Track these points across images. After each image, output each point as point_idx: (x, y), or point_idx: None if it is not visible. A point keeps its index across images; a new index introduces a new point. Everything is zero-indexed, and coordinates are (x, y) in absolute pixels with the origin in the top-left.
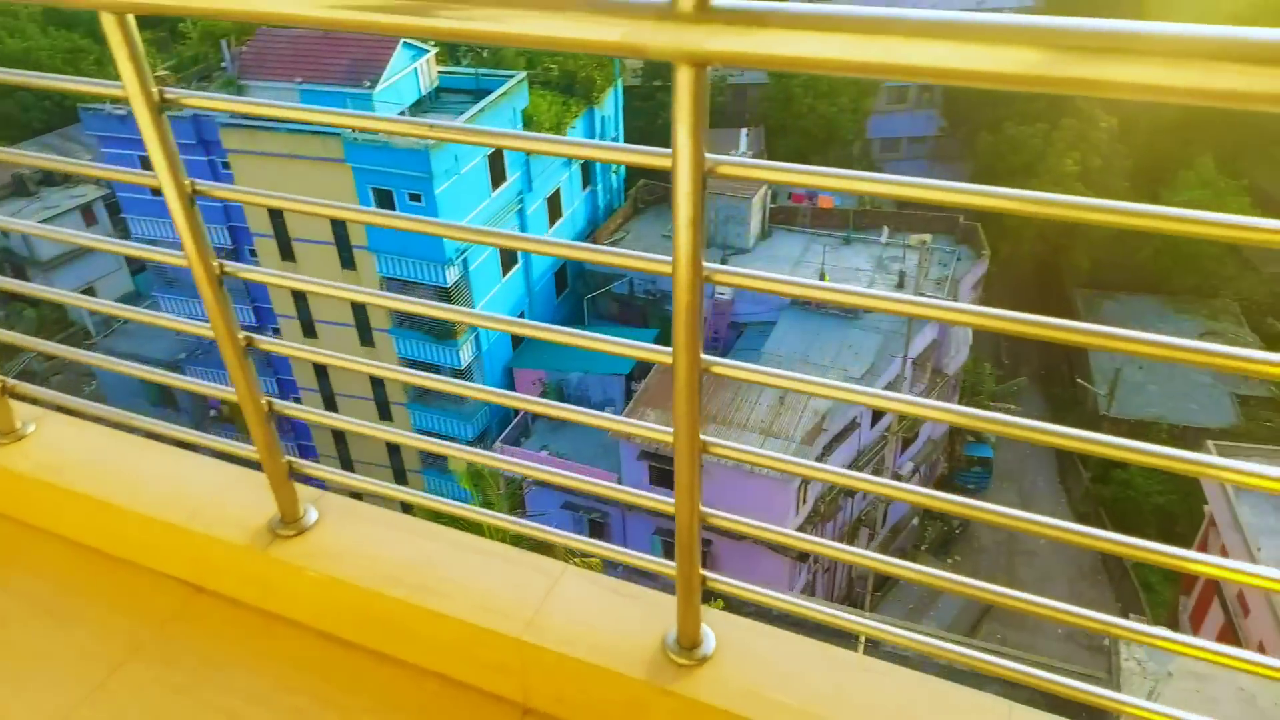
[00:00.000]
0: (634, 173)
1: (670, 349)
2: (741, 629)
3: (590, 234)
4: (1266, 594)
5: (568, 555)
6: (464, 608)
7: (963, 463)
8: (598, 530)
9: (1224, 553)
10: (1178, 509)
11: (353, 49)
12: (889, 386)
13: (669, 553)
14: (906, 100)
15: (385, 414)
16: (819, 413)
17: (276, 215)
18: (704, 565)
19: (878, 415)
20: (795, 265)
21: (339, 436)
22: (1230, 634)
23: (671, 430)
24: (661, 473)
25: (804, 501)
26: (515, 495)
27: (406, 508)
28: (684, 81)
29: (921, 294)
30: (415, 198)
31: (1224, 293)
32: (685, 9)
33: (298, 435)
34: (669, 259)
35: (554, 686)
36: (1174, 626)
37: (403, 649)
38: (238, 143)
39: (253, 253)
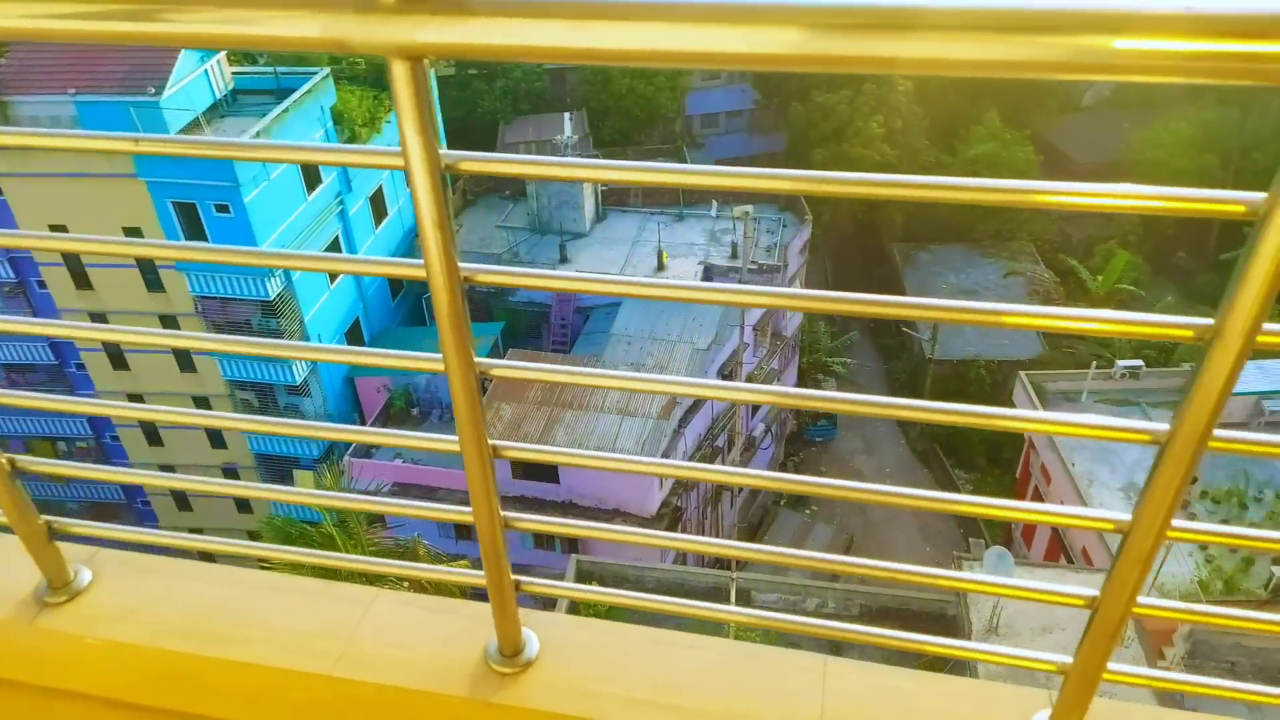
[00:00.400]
0: None
1: (440, 355)
2: (565, 627)
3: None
4: (1064, 465)
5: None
6: (267, 652)
7: (810, 418)
8: (465, 531)
9: (1044, 471)
10: (1002, 436)
11: (130, 53)
12: (733, 354)
13: (538, 542)
14: (720, 76)
15: (218, 441)
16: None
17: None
18: (574, 547)
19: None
20: (633, 244)
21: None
22: (1057, 544)
23: (457, 439)
24: (525, 466)
25: None
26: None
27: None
28: (400, 77)
29: (754, 263)
30: (223, 209)
31: (1020, 236)
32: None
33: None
34: (420, 262)
35: (372, 719)
36: (1009, 543)
37: (205, 705)
38: (6, 165)
39: (41, 285)
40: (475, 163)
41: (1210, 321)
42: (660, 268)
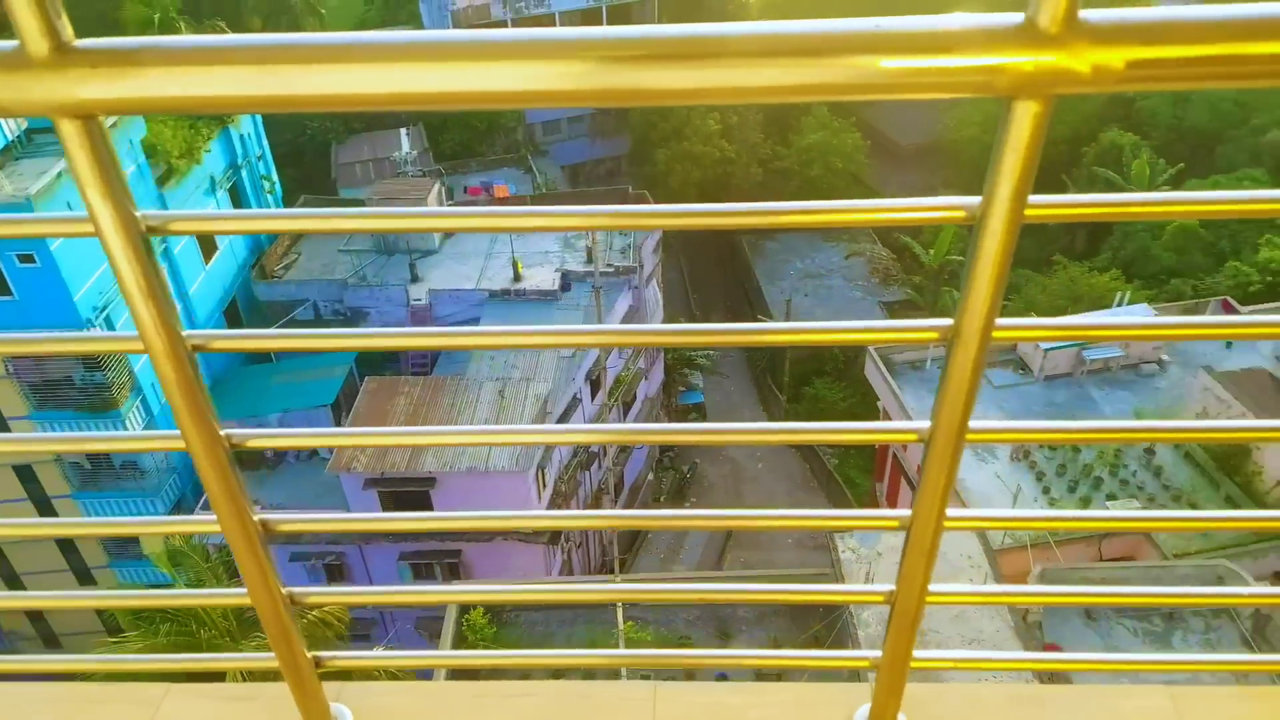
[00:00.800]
0: (294, 188)
1: (178, 431)
2: (379, 695)
3: (257, 261)
4: None
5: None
6: None
7: (680, 412)
8: (336, 573)
9: None
10: (859, 409)
11: None
12: (597, 359)
13: (417, 572)
14: None
15: (48, 510)
16: (540, 397)
17: None
18: (455, 575)
19: (596, 386)
20: (487, 257)
21: None
22: None
23: (214, 520)
24: (394, 497)
25: (544, 485)
26: (230, 564)
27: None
28: (70, 137)
29: (610, 265)
30: (27, 259)
31: None
32: (38, 54)
33: None
34: (135, 334)
35: None
36: (874, 507)
37: None
38: None
39: None
40: (185, 221)
41: (950, 322)
42: (517, 278)
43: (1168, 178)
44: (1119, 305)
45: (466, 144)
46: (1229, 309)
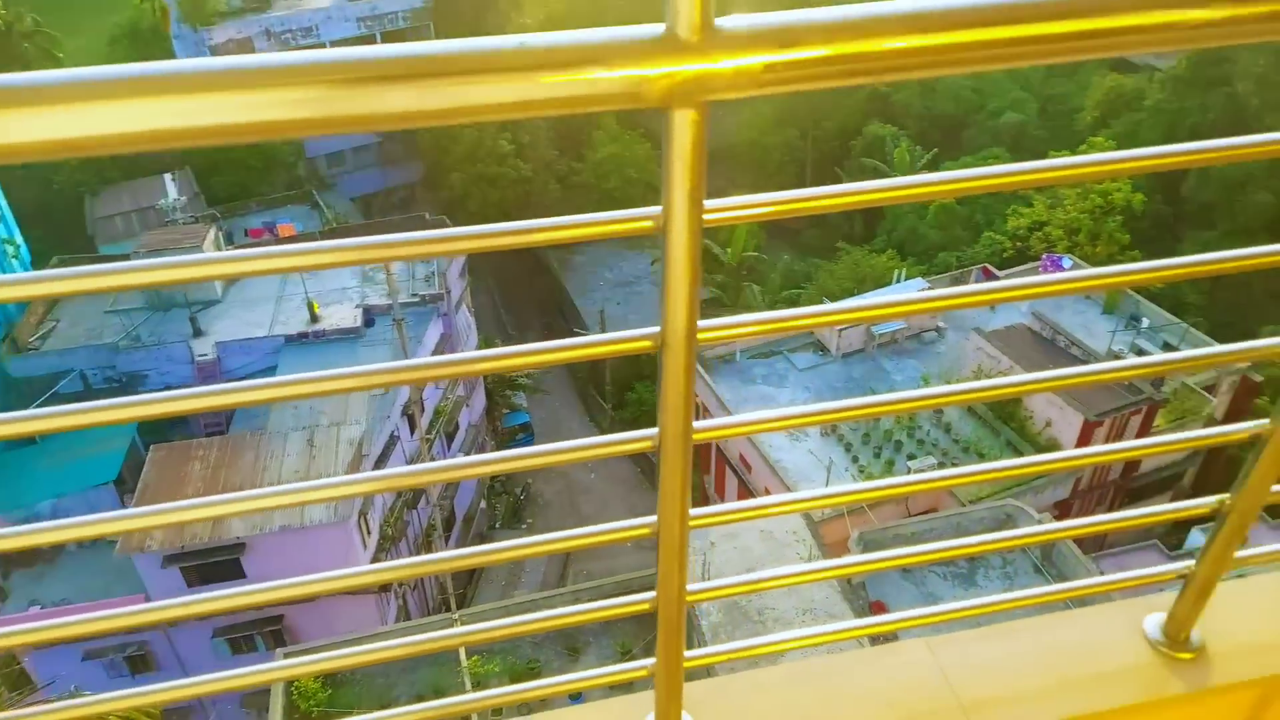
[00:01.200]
0: (45, 249)
1: None
2: None
3: (6, 335)
4: (760, 453)
5: None
6: None
7: (507, 434)
8: (141, 664)
9: (743, 460)
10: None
11: None
12: (411, 392)
13: (236, 648)
14: None
15: None
16: (353, 441)
17: None
18: (280, 642)
19: (413, 421)
20: (277, 301)
21: None
22: (745, 489)
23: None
24: (200, 572)
25: (368, 532)
26: (10, 668)
27: None
28: None
29: (416, 295)
30: None
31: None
32: None
33: None
34: None
35: None
36: (704, 503)
37: None
38: None
39: None
40: None
41: (657, 330)
42: (314, 319)
43: (925, 162)
44: (898, 281)
45: (243, 184)
46: (989, 274)
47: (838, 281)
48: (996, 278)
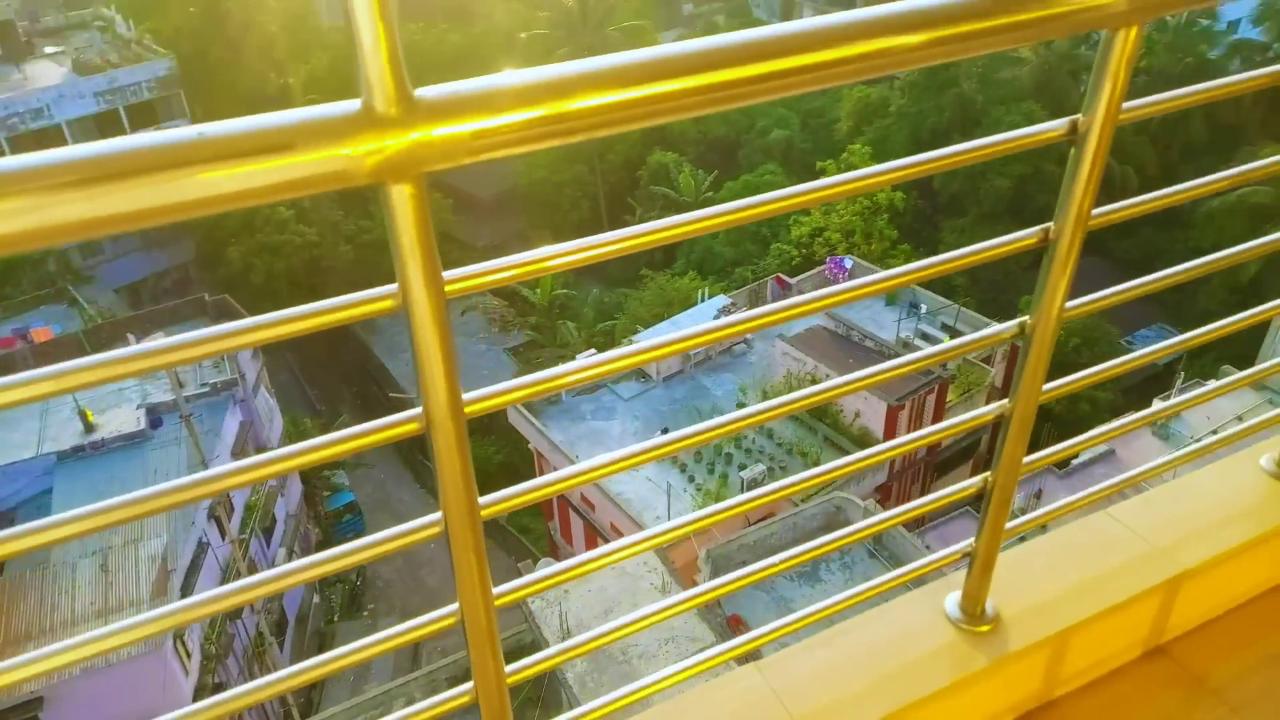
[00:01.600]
0: None
1: None
2: None
3: None
4: (600, 490)
5: None
6: None
7: (333, 517)
8: None
9: (554, 469)
10: (514, 458)
11: None
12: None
13: None
14: None
15: None
16: (155, 557)
17: None
18: None
19: (221, 524)
20: (43, 415)
21: None
22: (592, 530)
23: None
24: None
25: (189, 655)
26: None
27: None
28: None
29: (205, 385)
30: None
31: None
32: None
33: None
34: None
35: None
36: (554, 550)
37: None
38: None
39: None
40: None
41: (419, 411)
42: (89, 429)
43: (709, 184)
44: (703, 300)
45: None
46: (782, 284)
47: (647, 307)
48: (789, 285)
